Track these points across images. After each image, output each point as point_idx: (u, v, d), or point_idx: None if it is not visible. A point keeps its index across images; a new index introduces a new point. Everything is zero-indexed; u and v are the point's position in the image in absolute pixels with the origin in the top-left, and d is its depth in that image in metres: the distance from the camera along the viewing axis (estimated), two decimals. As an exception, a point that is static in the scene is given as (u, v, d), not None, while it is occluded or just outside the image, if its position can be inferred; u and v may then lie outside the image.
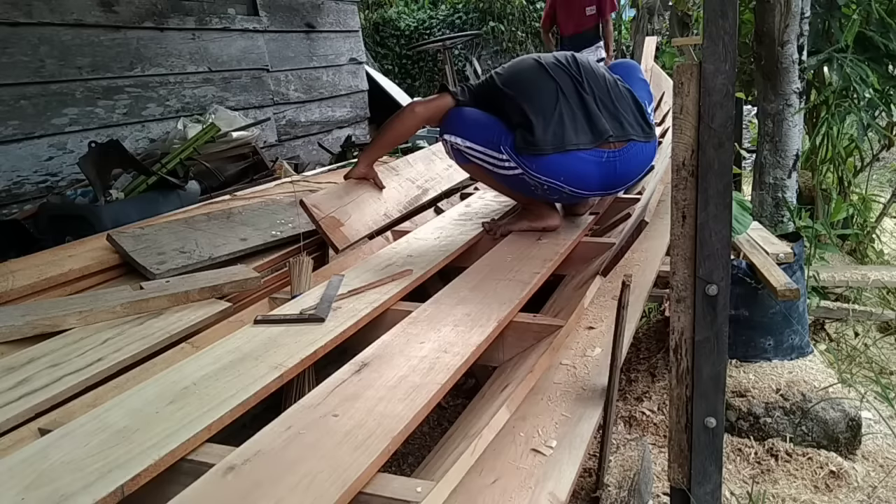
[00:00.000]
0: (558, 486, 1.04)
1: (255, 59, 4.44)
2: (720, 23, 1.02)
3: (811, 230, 2.76)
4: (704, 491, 1.25)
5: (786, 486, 1.74)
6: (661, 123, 3.98)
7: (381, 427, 1.09)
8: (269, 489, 0.95)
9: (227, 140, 3.56)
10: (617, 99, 2.14)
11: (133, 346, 1.46)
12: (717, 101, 1.05)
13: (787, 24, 2.70)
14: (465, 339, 1.41)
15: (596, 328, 1.61)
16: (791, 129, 2.86)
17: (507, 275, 1.80)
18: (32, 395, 1.27)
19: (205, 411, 1.16)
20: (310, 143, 4.93)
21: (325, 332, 1.47)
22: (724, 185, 1.08)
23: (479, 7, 9.80)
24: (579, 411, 1.25)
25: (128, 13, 3.59)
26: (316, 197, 2.11)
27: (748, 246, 2.26)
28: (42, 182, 3.20)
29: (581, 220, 2.30)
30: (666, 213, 1.75)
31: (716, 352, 1.16)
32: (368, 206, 2.27)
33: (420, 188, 2.62)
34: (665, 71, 5.31)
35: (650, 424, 2.01)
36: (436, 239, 2.18)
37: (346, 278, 1.81)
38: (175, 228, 2.17)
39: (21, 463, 1.05)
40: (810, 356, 2.17)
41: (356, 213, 2.17)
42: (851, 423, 1.88)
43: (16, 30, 3.06)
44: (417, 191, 2.59)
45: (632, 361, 2.39)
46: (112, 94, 3.52)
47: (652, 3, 9.35)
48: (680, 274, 1.15)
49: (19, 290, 1.77)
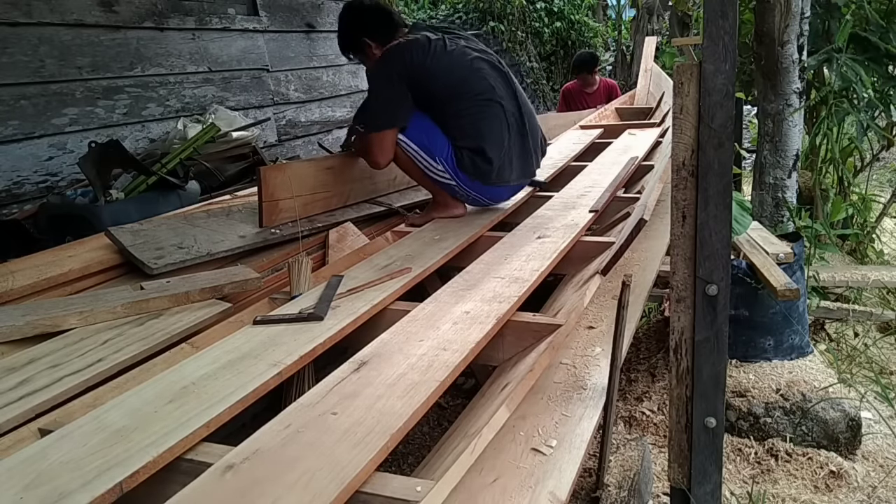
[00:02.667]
0: (558, 486, 1.04)
1: (255, 59, 4.44)
2: (720, 23, 1.02)
3: (811, 230, 2.76)
4: (704, 491, 1.25)
5: (786, 486, 1.74)
6: (660, 123, 3.98)
7: (379, 424, 1.09)
8: (268, 487, 0.95)
9: (227, 140, 3.56)
10: (536, 134, 2.42)
11: (133, 346, 1.46)
12: (717, 101, 1.05)
13: (787, 24, 2.70)
14: (463, 336, 1.41)
15: (596, 328, 1.61)
16: (791, 129, 2.86)
17: (505, 273, 1.80)
18: (33, 396, 1.27)
19: (203, 409, 1.16)
20: (310, 143, 4.93)
21: (323, 330, 1.47)
22: (724, 185, 1.08)
23: (479, 7, 9.78)
24: (579, 411, 1.25)
25: (128, 13, 3.59)
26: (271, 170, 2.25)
27: (748, 246, 2.26)
28: (42, 182, 3.20)
29: (580, 219, 2.30)
30: (666, 213, 1.75)
31: (716, 352, 1.16)
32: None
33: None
34: (665, 71, 5.31)
35: (650, 424, 2.01)
36: (435, 238, 2.18)
37: (346, 278, 1.81)
38: (174, 224, 2.17)
39: (20, 463, 1.05)
40: (810, 356, 2.17)
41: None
42: (851, 423, 1.88)
43: (16, 30, 3.06)
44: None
45: (632, 361, 2.39)
46: (112, 94, 3.52)
47: (652, 3, 9.36)
48: (680, 274, 1.15)
49: (19, 290, 1.77)
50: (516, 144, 2.33)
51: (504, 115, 2.28)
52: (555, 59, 10.62)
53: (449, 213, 2.41)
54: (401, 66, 2.20)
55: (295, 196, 2.26)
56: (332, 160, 2.53)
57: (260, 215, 2.20)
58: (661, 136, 3.68)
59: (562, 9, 10.27)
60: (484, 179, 2.30)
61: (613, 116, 4.73)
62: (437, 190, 2.39)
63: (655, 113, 4.45)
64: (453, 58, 2.24)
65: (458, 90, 2.24)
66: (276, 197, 2.22)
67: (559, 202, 2.51)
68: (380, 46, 2.29)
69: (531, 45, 9.99)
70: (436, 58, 2.21)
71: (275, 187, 2.21)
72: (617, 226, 2.31)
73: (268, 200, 2.19)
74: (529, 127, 2.37)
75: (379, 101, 2.26)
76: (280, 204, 2.23)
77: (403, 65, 2.20)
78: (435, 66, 2.21)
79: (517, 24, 9.85)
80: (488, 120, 2.26)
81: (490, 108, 2.26)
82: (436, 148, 2.28)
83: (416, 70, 2.19)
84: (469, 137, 2.26)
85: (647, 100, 5.01)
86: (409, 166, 2.34)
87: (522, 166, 2.38)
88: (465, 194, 2.37)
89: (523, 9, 9.88)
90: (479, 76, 2.27)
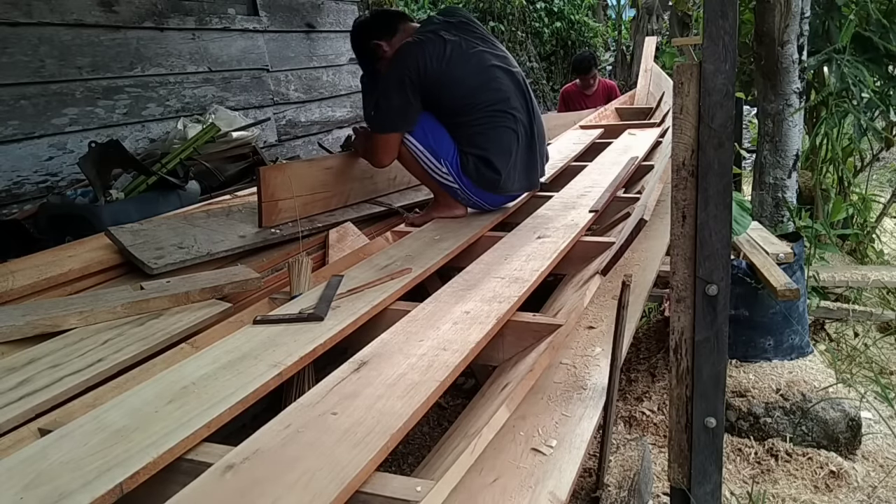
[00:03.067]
0: (558, 486, 1.04)
1: (255, 59, 4.44)
2: (720, 23, 1.02)
3: (811, 230, 2.76)
4: (704, 491, 1.25)
5: (786, 486, 1.74)
6: (661, 123, 3.98)
7: (379, 424, 1.09)
8: (268, 487, 0.95)
9: (227, 140, 3.56)
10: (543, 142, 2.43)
11: (133, 346, 1.46)
12: (717, 101, 1.05)
13: (787, 24, 2.70)
14: (463, 337, 1.41)
15: (596, 328, 1.61)
16: (791, 129, 2.86)
17: (505, 273, 1.80)
18: (33, 396, 1.27)
19: (204, 409, 1.16)
20: (310, 143, 4.93)
21: (324, 330, 1.47)
22: (724, 185, 1.08)
23: (479, 7, 9.79)
24: (579, 411, 1.25)
25: (128, 13, 3.59)
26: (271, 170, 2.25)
27: (748, 246, 2.26)
28: (42, 182, 3.20)
29: (580, 219, 2.30)
30: (666, 213, 1.75)
31: (716, 352, 1.16)
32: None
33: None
34: (665, 71, 5.31)
35: (650, 424, 2.01)
36: (435, 238, 2.18)
37: (346, 278, 1.81)
38: (174, 224, 2.17)
39: (20, 463, 1.05)
40: (810, 356, 2.17)
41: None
42: (851, 423, 1.88)
43: (16, 30, 3.06)
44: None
45: (632, 361, 2.39)
46: (112, 94, 3.52)
47: (652, 3, 9.36)
48: (680, 274, 1.15)
49: (19, 290, 1.77)
50: (523, 155, 2.32)
51: (515, 125, 2.25)
52: (555, 59, 10.63)
53: (450, 213, 2.40)
54: (415, 73, 2.15)
55: (295, 196, 2.26)
56: (331, 160, 2.53)
57: (259, 215, 2.20)
58: (661, 136, 3.68)
59: (562, 9, 10.27)
60: (487, 187, 2.31)
61: (613, 116, 4.73)
62: (439, 190, 2.38)
63: (655, 113, 4.45)
64: (470, 66, 2.20)
65: (470, 101, 2.21)
66: (276, 197, 2.22)
67: (559, 202, 2.51)
68: (389, 42, 2.25)
69: (531, 45, 9.99)
70: (451, 64, 2.16)
71: (274, 187, 2.21)
72: (617, 226, 2.31)
73: (267, 201, 2.19)
74: (538, 136, 2.37)
75: (389, 103, 2.20)
76: (280, 204, 2.23)
77: (417, 72, 2.14)
78: (450, 75, 2.17)
79: (517, 24, 9.86)
80: (498, 131, 2.24)
81: (501, 119, 2.24)
82: (441, 150, 2.27)
83: (429, 78, 2.15)
84: (477, 146, 2.25)
85: (647, 100, 5.01)
86: (413, 165, 2.34)
87: (528, 176, 2.38)
88: (467, 198, 2.37)
89: (523, 9, 9.88)
90: (494, 86, 2.23)
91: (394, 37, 2.26)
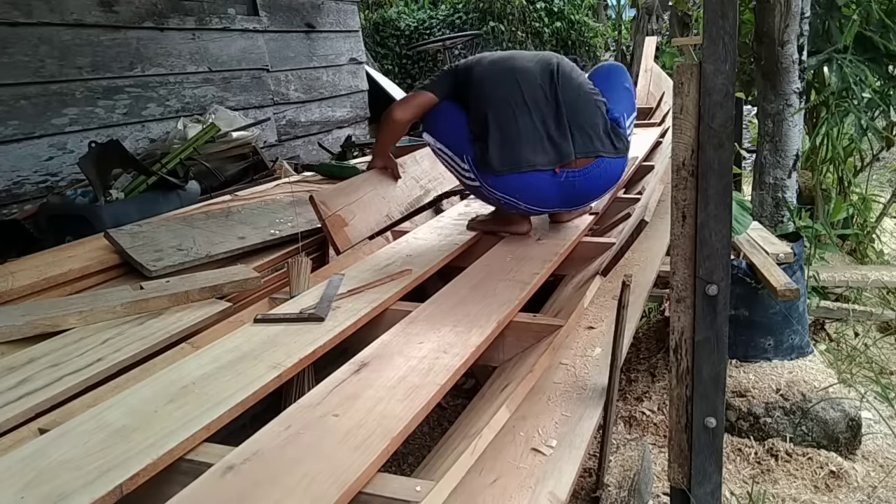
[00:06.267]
0: (558, 486, 1.04)
1: (255, 59, 4.44)
2: (720, 23, 1.02)
3: (811, 230, 2.76)
4: (704, 491, 1.25)
5: (786, 486, 1.74)
6: (661, 123, 3.98)
7: (380, 427, 1.09)
8: (268, 489, 0.95)
9: (227, 140, 3.56)
10: (591, 114, 2.07)
11: (133, 346, 1.46)
12: (717, 101, 1.05)
13: (787, 24, 2.70)
14: (464, 339, 1.41)
15: (596, 328, 1.61)
16: (791, 129, 2.86)
17: (506, 275, 1.80)
18: (32, 395, 1.27)
19: (204, 410, 1.16)
20: (310, 143, 4.93)
21: (324, 331, 1.47)
22: (724, 185, 1.08)
23: (479, 7, 9.78)
24: (579, 411, 1.25)
25: (128, 13, 3.59)
26: (324, 194, 2.12)
27: (748, 246, 2.26)
28: (42, 182, 3.20)
29: (581, 220, 2.29)
30: (666, 213, 1.75)
31: (716, 352, 1.16)
32: (373, 205, 2.27)
33: (423, 188, 2.62)
34: (665, 71, 5.30)
35: (650, 424, 2.01)
36: (435, 239, 2.18)
37: (346, 278, 1.81)
38: (173, 226, 2.17)
39: (20, 462, 1.05)
40: (810, 356, 2.17)
41: (361, 213, 2.18)
42: (851, 423, 1.88)
43: (16, 30, 3.06)
44: (420, 191, 2.59)
45: (632, 361, 2.39)
46: (112, 94, 3.52)
47: (652, 3, 9.35)
48: (680, 274, 1.15)
49: (19, 290, 1.77)
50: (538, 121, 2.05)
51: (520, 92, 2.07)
52: (555, 59, 10.58)
53: (511, 228, 2.22)
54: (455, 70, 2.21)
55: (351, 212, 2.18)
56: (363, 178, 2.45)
57: (332, 244, 2.10)
58: (661, 136, 3.67)
59: (562, 9, 10.26)
60: (494, 169, 2.03)
61: (613, 116, 4.71)
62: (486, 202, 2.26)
63: (655, 113, 4.44)
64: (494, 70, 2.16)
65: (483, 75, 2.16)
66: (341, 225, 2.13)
67: (559, 202, 2.51)
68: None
69: (531, 46, 9.98)
70: (480, 65, 2.17)
71: (335, 218, 2.12)
72: (617, 227, 2.31)
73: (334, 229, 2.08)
74: (565, 98, 2.07)
75: (436, 75, 2.25)
76: (345, 230, 2.14)
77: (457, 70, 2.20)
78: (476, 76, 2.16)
79: (517, 24, 9.85)
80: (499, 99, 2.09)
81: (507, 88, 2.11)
82: (462, 144, 2.13)
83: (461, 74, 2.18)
84: (479, 122, 2.09)
85: (647, 100, 5.00)
86: (452, 175, 2.28)
87: (553, 146, 2.04)
88: (494, 197, 2.13)
89: (523, 9, 9.87)
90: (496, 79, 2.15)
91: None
